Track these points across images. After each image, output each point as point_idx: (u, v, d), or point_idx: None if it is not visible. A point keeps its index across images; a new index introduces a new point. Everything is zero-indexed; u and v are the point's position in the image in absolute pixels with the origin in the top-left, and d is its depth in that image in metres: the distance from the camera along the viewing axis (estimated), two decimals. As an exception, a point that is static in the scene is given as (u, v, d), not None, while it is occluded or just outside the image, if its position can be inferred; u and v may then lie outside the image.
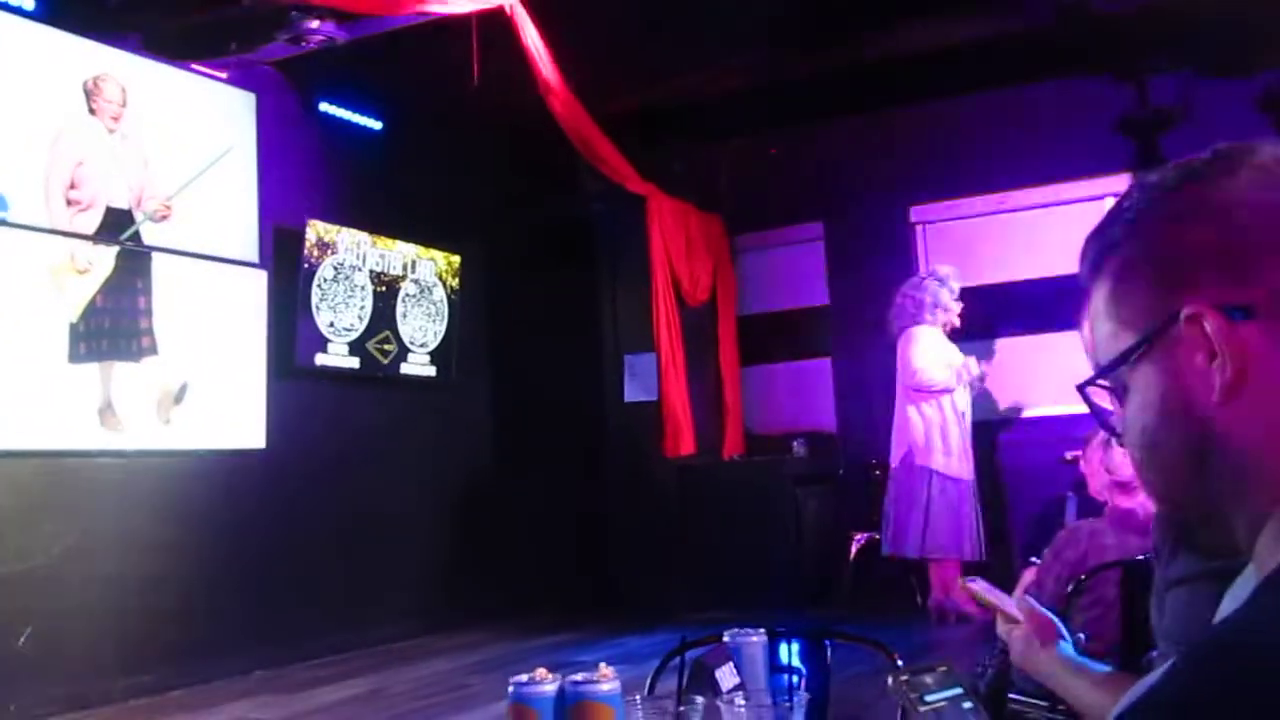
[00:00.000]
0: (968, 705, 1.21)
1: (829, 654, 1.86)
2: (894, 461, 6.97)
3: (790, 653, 1.78)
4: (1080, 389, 0.89)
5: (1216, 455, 0.80)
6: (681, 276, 7.92)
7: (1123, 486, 3.04)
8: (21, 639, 5.26)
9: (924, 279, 7.07)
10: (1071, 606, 2.94)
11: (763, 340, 8.55)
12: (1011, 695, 2.80)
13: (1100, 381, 0.87)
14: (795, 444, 7.94)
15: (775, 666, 1.73)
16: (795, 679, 1.72)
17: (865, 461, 7.64)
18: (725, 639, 1.66)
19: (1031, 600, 1.74)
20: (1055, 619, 1.69)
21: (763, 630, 1.69)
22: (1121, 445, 0.89)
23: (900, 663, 1.68)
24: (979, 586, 1.79)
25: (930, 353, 6.87)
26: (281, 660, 6.45)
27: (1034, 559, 3.35)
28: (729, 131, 7.93)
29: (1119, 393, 0.86)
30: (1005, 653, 2.28)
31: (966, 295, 7.10)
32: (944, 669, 1.24)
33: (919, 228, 8.07)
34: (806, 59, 7.19)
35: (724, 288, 8.46)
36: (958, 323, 7.02)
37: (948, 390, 6.85)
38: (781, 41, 6.86)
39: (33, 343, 5.49)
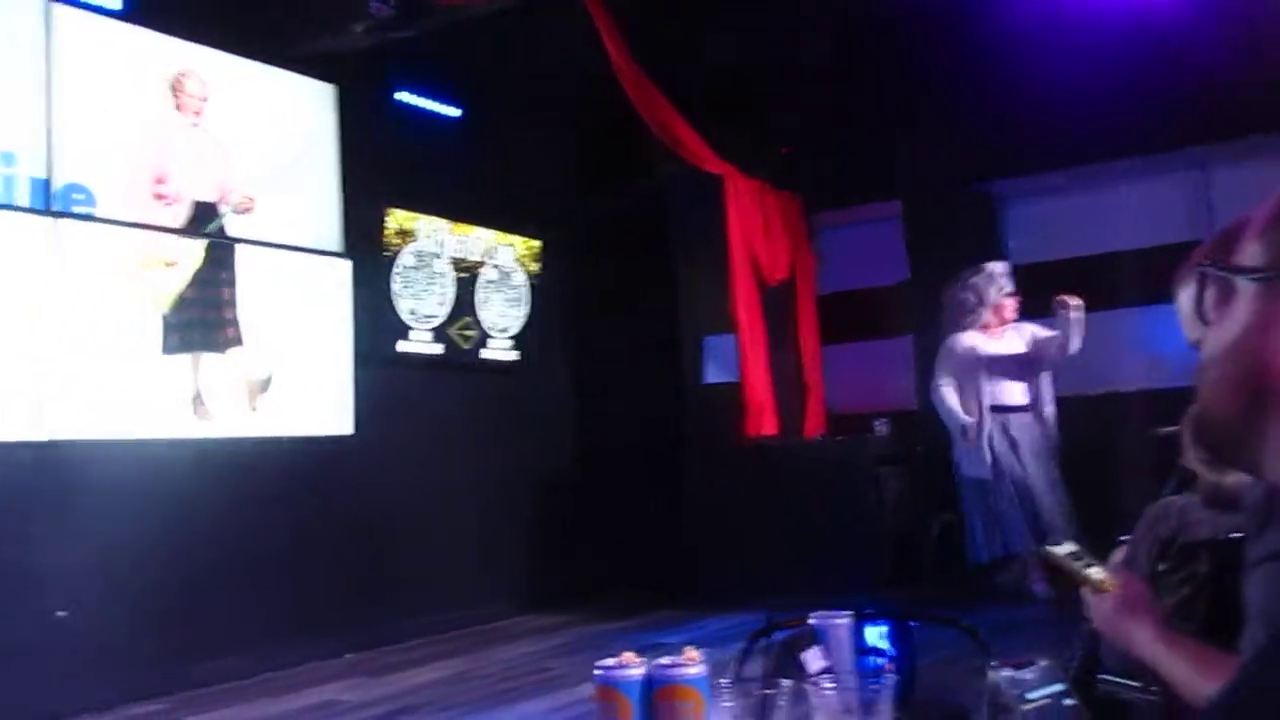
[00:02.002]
0: (1069, 703, 1.19)
1: (915, 637, 1.85)
2: None
3: (877, 635, 1.77)
4: (1200, 270, 0.90)
5: (1274, 410, 0.83)
6: (760, 256, 7.88)
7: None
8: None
9: (972, 276, 7.08)
10: (1162, 584, 2.88)
11: (843, 319, 8.47)
12: (1101, 676, 2.75)
13: (1215, 272, 0.88)
14: (877, 423, 7.86)
15: (861, 649, 1.72)
16: (883, 662, 1.71)
17: (946, 440, 7.54)
18: (811, 621, 1.66)
19: (1123, 569, 1.70)
20: (1148, 591, 1.66)
21: (849, 612, 1.68)
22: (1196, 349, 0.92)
23: (987, 648, 1.66)
24: (1061, 552, 1.75)
25: (945, 375, 7.12)
26: (369, 643, 6.54)
27: (1123, 536, 3.28)
28: (805, 108, 7.85)
29: (1221, 298, 0.87)
30: (1094, 633, 2.23)
31: (1047, 271, 6.99)
32: (1045, 664, 1.22)
33: (999, 203, 7.95)
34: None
35: (802, 267, 8.40)
36: (1011, 316, 7.01)
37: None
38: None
39: (126, 335, 5.63)
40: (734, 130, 7.73)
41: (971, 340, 7.02)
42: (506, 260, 7.95)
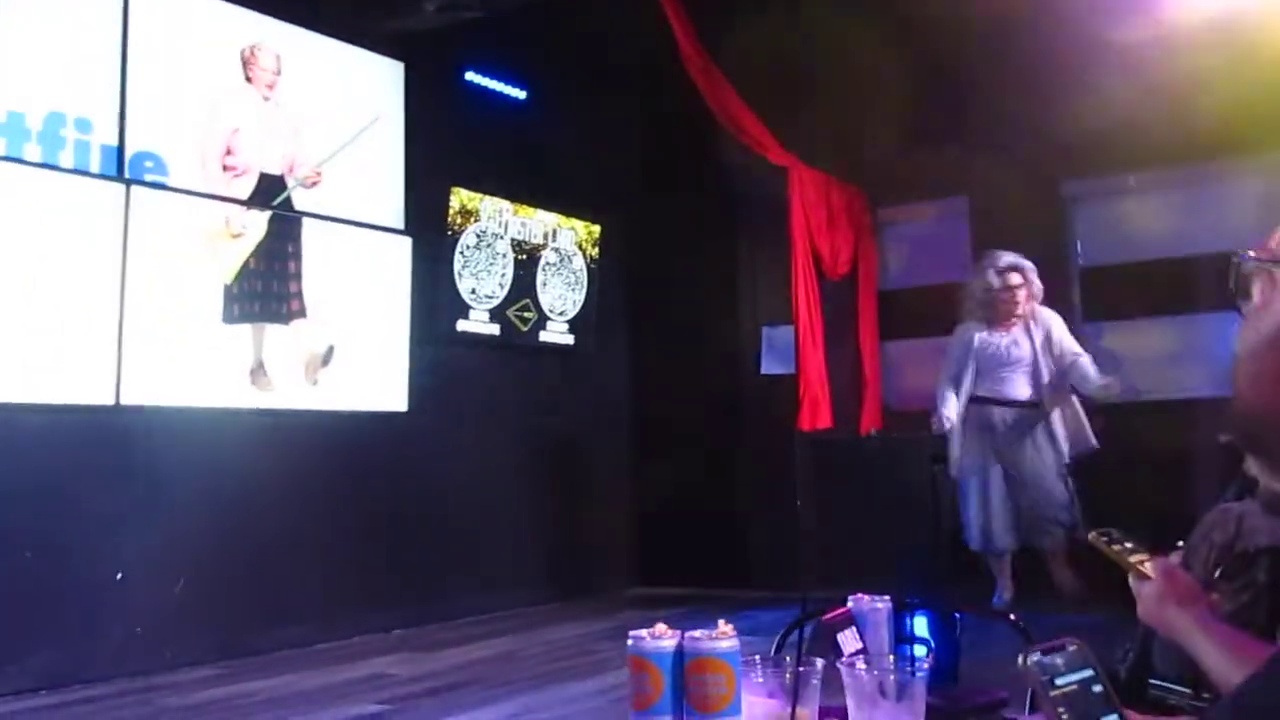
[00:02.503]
0: (1098, 689, 1.15)
1: (959, 629, 1.82)
2: None
3: (918, 625, 1.74)
4: (1243, 260, 0.88)
5: None
6: (822, 249, 7.81)
7: None
8: (178, 586, 5.50)
9: (981, 268, 6.99)
10: (1219, 591, 2.82)
11: (904, 315, 8.38)
12: (1152, 680, 2.70)
13: (1259, 263, 0.86)
14: (934, 420, 7.77)
15: (902, 637, 1.70)
16: (924, 651, 1.68)
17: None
18: (849, 604, 1.64)
19: (1170, 560, 1.66)
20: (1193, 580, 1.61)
21: (887, 597, 1.66)
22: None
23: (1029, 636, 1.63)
24: (1107, 539, 1.71)
25: (946, 364, 7.06)
26: (418, 620, 6.60)
27: (1179, 542, 3.21)
28: (871, 102, 7.77)
29: (1268, 289, 0.85)
30: (1147, 635, 2.19)
31: (1116, 274, 6.85)
32: (1074, 648, 1.18)
33: (1069, 203, 7.81)
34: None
35: (865, 261, 8.31)
36: (1019, 309, 6.84)
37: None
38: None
39: (189, 303, 5.70)
40: (800, 121, 7.67)
41: (970, 331, 6.93)
42: (567, 244, 7.97)
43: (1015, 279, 6.76)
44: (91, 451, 5.30)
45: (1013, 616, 2.29)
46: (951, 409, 6.88)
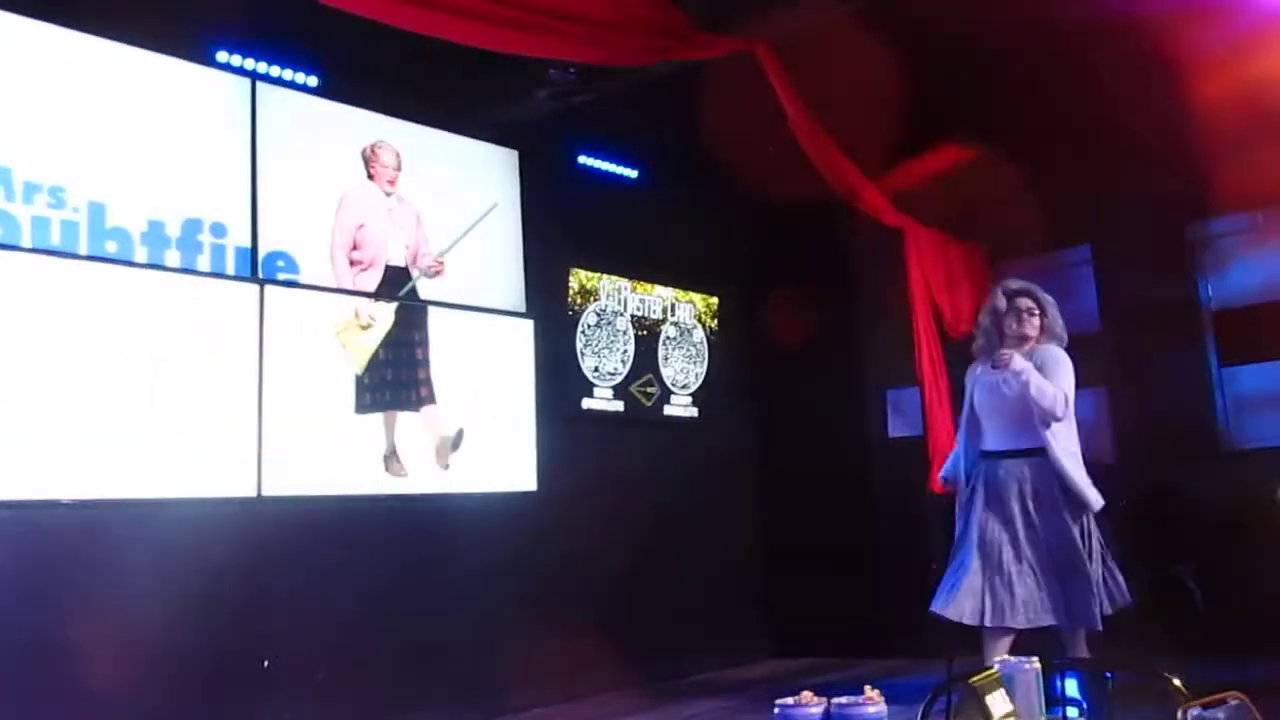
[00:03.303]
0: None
1: (1110, 686, 1.78)
2: None
3: (1069, 686, 1.71)
4: None
5: None
6: (943, 308, 7.73)
7: None
8: (266, 662, 5.56)
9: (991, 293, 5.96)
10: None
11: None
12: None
13: None
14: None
15: (1053, 698, 1.67)
16: (1076, 712, 1.65)
17: (1149, 493, 7.21)
18: (996, 667, 1.62)
19: None
20: None
21: (1035, 658, 1.63)
22: None
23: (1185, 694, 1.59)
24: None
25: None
26: (557, 698, 6.60)
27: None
28: (984, 155, 7.70)
29: None
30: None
31: (1250, 315, 6.62)
32: (1236, 703, 1.16)
33: (1197, 246, 7.62)
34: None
35: (987, 318, 8.20)
36: (1031, 335, 5.64)
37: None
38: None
39: (323, 395, 5.88)
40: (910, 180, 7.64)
41: (974, 369, 5.77)
42: (686, 317, 8.03)
43: (1026, 303, 5.68)
44: (236, 541, 5.46)
45: (1166, 673, 2.22)
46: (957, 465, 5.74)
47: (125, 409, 5.09)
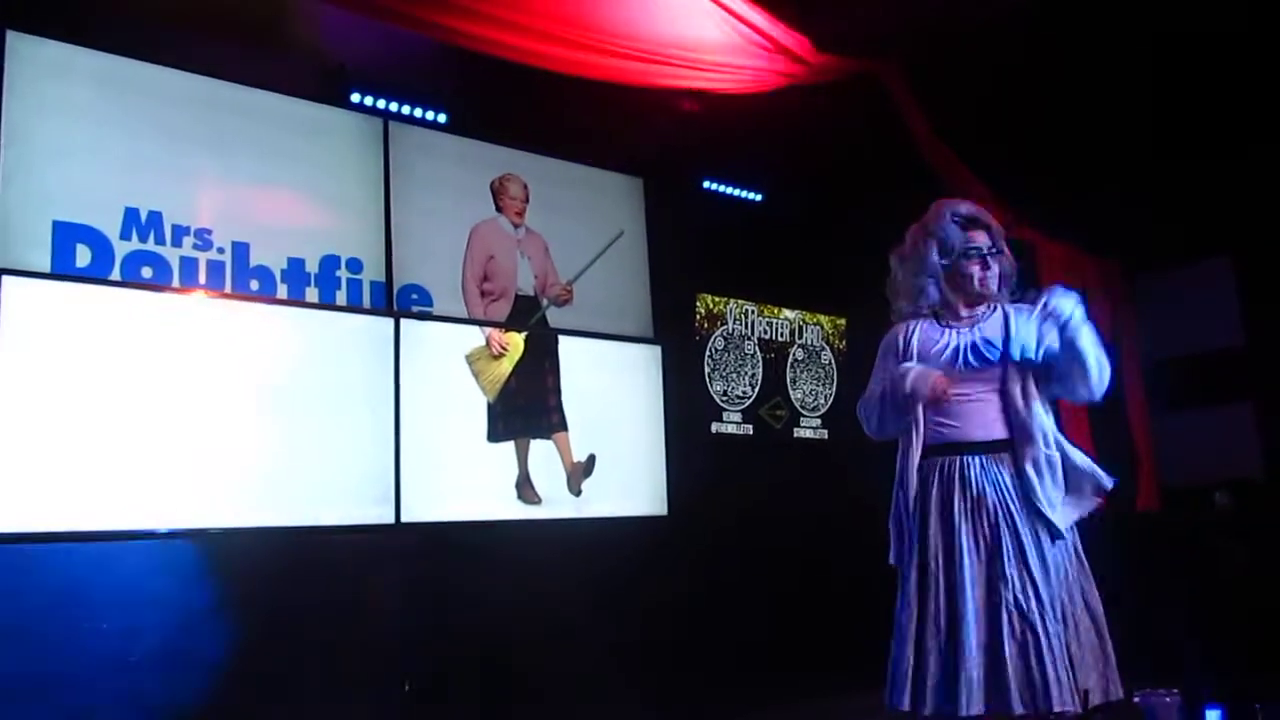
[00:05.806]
0: None
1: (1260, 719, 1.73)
2: None
3: (1209, 717, 1.67)
4: None
5: None
6: (1078, 324, 7.55)
7: None
8: (406, 685, 5.67)
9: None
10: None
11: (1173, 386, 7.99)
12: None
13: None
14: (1217, 495, 7.34)
15: (1197, 731, 1.63)
16: (1221, 745, 1.61)
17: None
18: (1135, 700, 1.59)
19: None
20: None
21: (1177, 691, 1.60)
22: None
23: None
24: None
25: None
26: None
27: None
28: (1116, 168, 7.52)
29: None
30: None
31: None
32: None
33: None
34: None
35: (1125, 333, 8.00)
36: (979, 303, 3.96)
37: None
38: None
39: (458, 424, 6.01)
40: (1043, 194, 7.49)
41: (907, 331, 4.15)
42: (814, 339, 8.00)
43: (984, 239, 3.92)
44: (378, 568, 5.61)
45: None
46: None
47: (266, 440, 5.29)
